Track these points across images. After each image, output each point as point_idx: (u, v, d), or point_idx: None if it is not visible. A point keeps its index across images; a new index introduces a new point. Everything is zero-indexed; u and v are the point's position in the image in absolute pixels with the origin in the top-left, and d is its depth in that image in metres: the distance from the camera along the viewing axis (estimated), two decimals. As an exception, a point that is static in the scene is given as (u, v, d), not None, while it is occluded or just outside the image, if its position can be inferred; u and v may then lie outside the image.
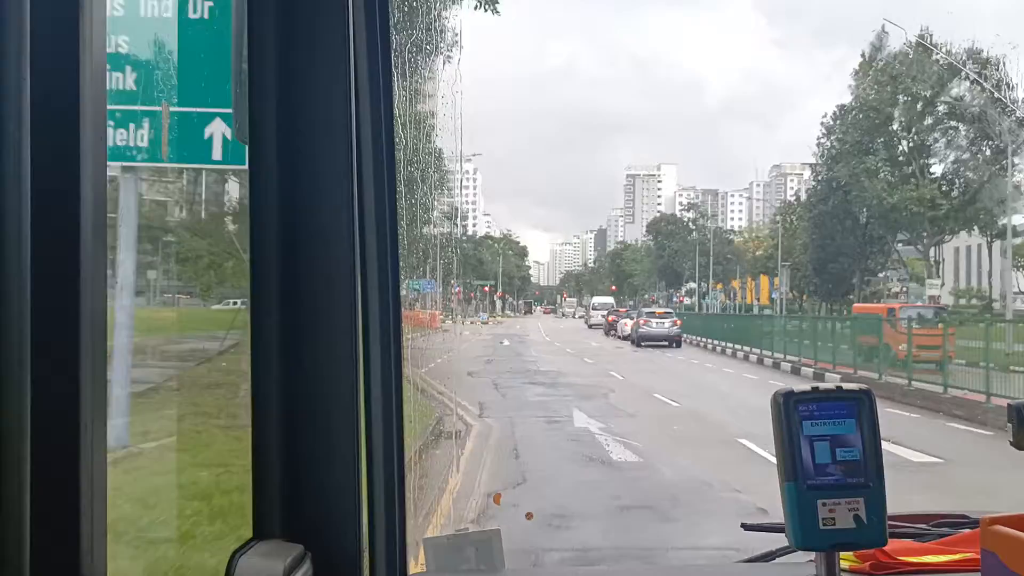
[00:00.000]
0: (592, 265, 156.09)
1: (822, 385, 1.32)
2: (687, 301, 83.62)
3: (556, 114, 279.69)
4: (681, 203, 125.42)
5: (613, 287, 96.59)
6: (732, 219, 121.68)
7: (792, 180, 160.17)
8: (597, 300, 69.88)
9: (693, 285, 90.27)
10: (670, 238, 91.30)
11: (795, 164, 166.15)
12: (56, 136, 0.68)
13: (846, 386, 1.33)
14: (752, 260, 75.51)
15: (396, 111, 1.51)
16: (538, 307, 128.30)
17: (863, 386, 1.34)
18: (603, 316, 60.72)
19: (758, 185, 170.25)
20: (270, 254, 1.24)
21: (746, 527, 1.72)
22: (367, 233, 1.39)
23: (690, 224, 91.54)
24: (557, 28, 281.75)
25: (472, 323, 65.74)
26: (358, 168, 1.32)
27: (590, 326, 64.02)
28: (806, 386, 1.31)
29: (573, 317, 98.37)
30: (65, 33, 0.69)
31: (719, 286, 75.06)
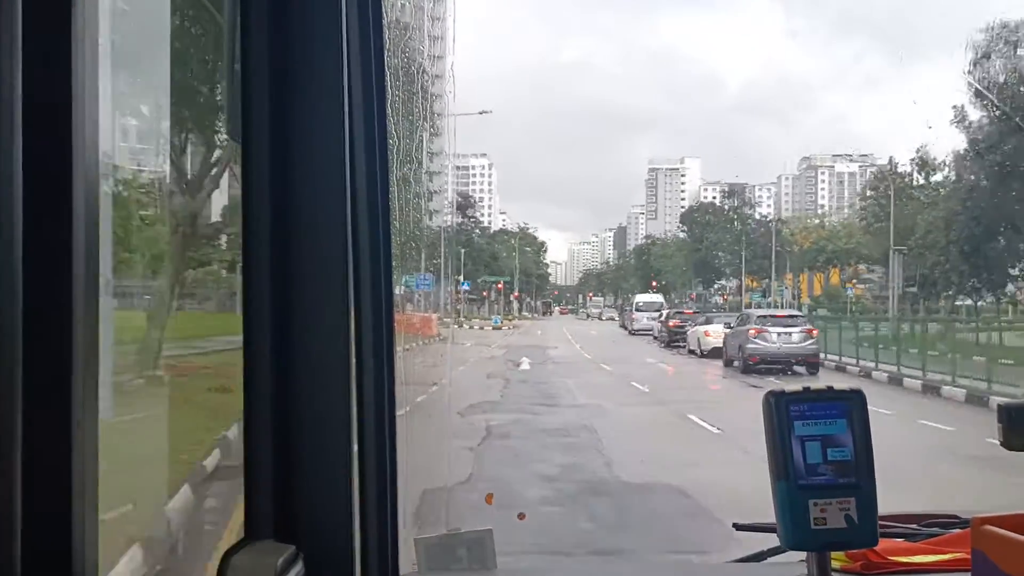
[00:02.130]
0: (615, 262, 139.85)
1: (813, 385, 1.32)
2: (718, 301, 74.54)
3: (570, 112, 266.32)
4: (706, 195, 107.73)
5: (654, 283, 78.61)
6: (760, 213, 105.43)
7: (823, 172, 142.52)
8: (642, 299, 52.21)
9: (726, 282, 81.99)
10: (707, 229, 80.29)
11: (826, 156, 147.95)
12: (48, 134, 0.68)
13: (837, 386, 1.33)
14: (799, 253, 67.03)
15: (389, 109, 1.50)
16: (556, 307, 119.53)
17: (854, 386, 1.34)
18: (652, 319, 42.62)
19: (787, 178, 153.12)
20: (262, 255, 1.23)
21: (737, 527, 1.69)
22: (360, 233, 1.36)
23: (731, 213, 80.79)
24: (568, 25, 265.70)
25: (482, 328, 53.09)
26: (351, 167, 1.30)
27: (632, 332, 45.49)
28: (797, 386, 1.31)
29: (600, 319, 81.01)
30: (57, 31, 0.68)
31: (789, 280, 57.98)
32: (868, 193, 55.55)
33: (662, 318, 41.22)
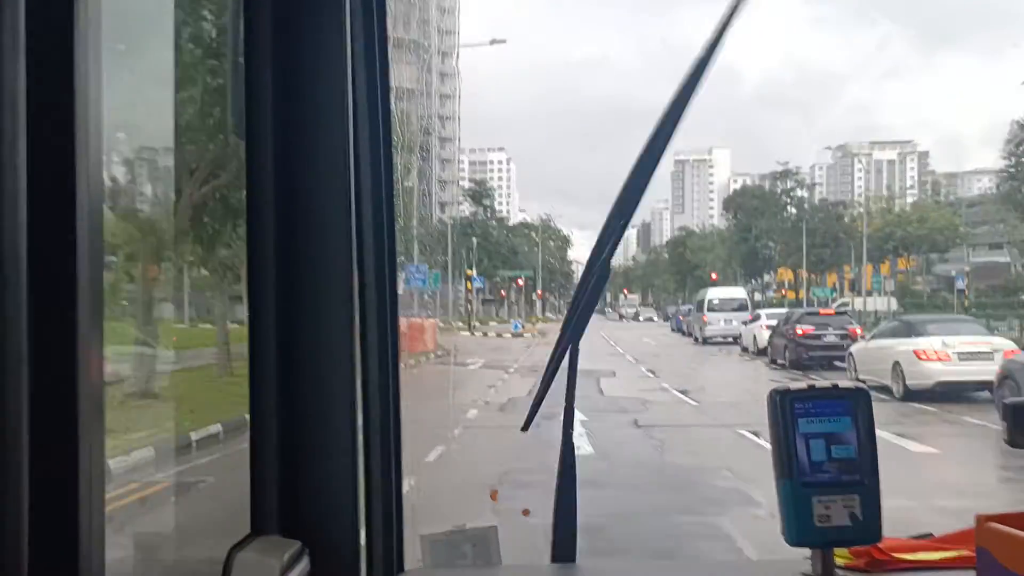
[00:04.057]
0: (644, 257, 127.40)
1: (818, 383, 1.30)
2: (757, 296, 64.18)
3: (587, 109, 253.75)
4: (735, 186, 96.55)
5: (714, 275, 64.62)
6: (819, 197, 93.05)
7: (860, 160, 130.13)
8: (718, 294, 37.21)
9: (767, 277, 72.45)
10: (755, 216, 68.06)
11: (863, 143, 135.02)
12: (52, 136, 0.68)
13: (842, 384, 1.32)
14: (861, 240, 57.35)
15: (393, 106, 1.47)
16: None
17: (859, 385, 1.33)
18: (732, 321, 28.12)
19: (820, 167, 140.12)
20: (267, 250, 1.22)
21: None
22: (364, 228, 1.36)
23: (783, 196, 67.57)
24: (583, 20, 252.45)
25: (499, 334, 40.32)
26: (355, 163, 1.29)
27: (704, 340, 30.47)
28: (803, 384, 1.29)
29: (636, 319, 66.86)
30: (60, 27, 0.68)
31: (887, 266, 45.76)
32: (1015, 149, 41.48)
33: (763, 321, 26.62)
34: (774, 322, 25.92)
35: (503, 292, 64.93)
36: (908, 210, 63.09)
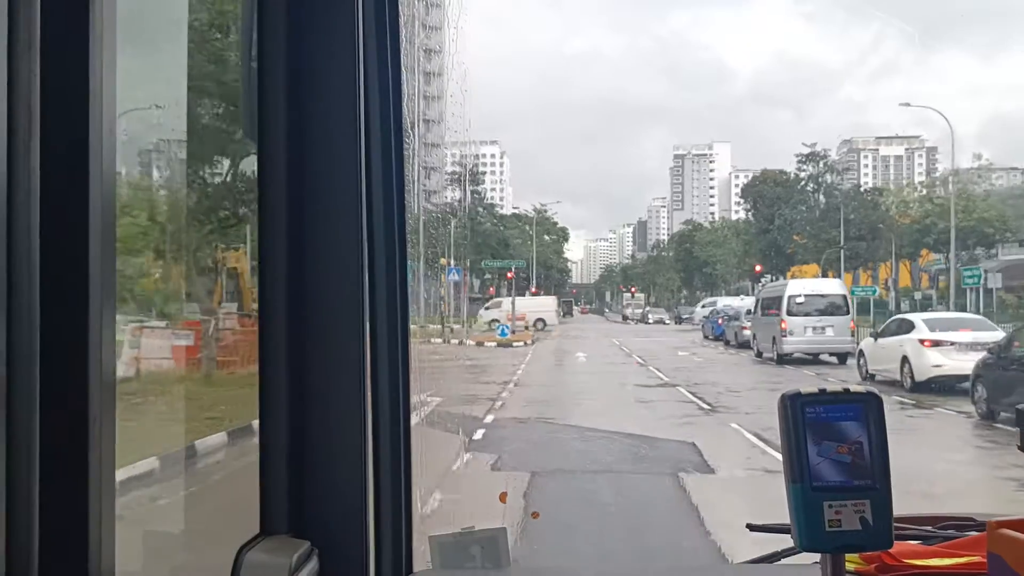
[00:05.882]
0: (644, 254, 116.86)
1: (829, 387, 1.27)
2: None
3: (580, 107, 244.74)
4: (737, 182, 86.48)
5: (758, 267, 53.47)
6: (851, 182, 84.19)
7: (867, 155, 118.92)
8: (800, 289, 24.53)
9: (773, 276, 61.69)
10: (776, 205, 59.00)
11: (869, 139, 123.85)
12: (66, 136, 0.68)
13: (853, 388, 1.28)
14: (899, 231, 49.95)
15: (405, 109, 1.45)
16: (576, 307, 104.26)
17: (870, 389, 1.31)
18: (822, 329, 15.34)
19: (826, 163, 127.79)
20: (278, 253, 1.21)
21: (752, 528, 1.60)
22: (375, 232, 1.35)
23: (809, 184, 59.13)
24: (578, 16, 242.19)
25: (480, 343, 29.96)
26: (367, 166, 1.29)
27: (780, 358, 17.71)
28: (813, 388, 1.26)
29: (645, 321, 56.72)
30: (75, 35, 0.69)
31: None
32: None
33: (921, 334, 14.85)
34: (941, 336, 14.45)
35: (492, 289, 55.88)
36: (955, 199, 53.65)
